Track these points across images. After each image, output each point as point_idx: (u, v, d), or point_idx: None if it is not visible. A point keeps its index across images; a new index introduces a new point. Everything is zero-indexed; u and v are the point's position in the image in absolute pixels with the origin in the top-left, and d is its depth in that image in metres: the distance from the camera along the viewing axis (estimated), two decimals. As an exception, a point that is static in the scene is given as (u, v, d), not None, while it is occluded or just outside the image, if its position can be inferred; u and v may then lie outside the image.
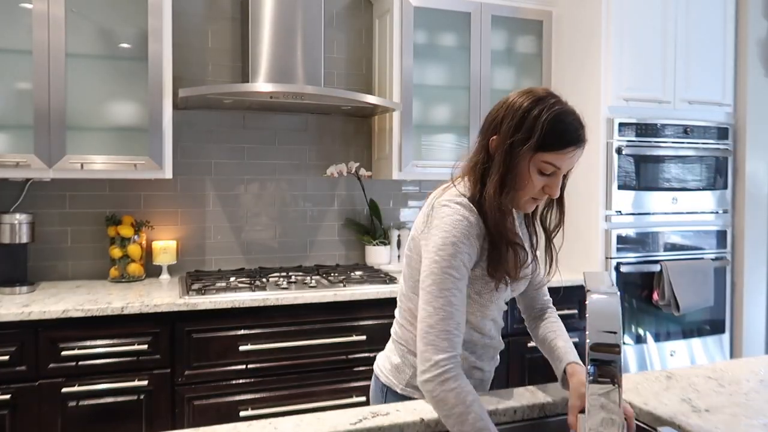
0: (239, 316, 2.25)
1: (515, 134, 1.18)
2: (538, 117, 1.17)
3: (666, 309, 2.85)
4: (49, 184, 2.57)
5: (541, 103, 1.18)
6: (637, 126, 2.83)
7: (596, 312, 0.92)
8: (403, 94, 2.79)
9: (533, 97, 1.20)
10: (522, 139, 1.17)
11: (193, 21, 2.79)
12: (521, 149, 1.17)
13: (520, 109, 1.19)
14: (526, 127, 1.17)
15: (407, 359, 1.34)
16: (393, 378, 1.36)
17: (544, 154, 1.17)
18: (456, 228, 1.17)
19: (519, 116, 1.18)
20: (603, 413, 0.90)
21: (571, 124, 1.18)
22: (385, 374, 1.39)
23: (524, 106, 1.19)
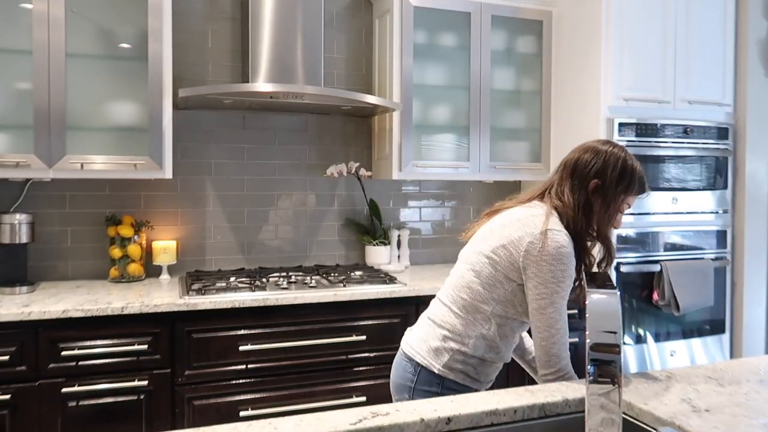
0: (239, 316, 2.25)
1: (620, 182, 1.49)
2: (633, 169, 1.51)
3: (666, 309, 2.85)
4: (49, 184, 2.57)
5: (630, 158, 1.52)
6: (637, 126, 2.83)
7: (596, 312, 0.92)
8: (403, 94, 2.79)
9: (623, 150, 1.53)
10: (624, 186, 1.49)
11: (193, 21, 2.79)
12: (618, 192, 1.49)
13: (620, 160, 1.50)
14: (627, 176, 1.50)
15: (447, 344, 1.51)
16: (431, 359, 1.52)
17: (629, 197, 1.52)
18: (570, 262, 1.43)
19: (621, 167, 1.49)
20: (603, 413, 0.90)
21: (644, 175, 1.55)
22: (422, 355, 1.53)
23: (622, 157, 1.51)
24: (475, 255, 1.52)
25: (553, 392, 1.32)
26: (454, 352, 1.50)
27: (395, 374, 1.61)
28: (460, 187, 3.29)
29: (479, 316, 1.49)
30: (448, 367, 1.50)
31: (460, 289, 1.53)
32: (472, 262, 1.52)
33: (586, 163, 1.50)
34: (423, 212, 3.23)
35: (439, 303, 1.60)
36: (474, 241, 1.58)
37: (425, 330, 1.58)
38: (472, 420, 1.18)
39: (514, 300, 1.47)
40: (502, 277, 1.46)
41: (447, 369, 1.50)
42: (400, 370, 1.59)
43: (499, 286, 1.47)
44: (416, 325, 1.66)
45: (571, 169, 1.52)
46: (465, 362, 1.51)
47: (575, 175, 1.50)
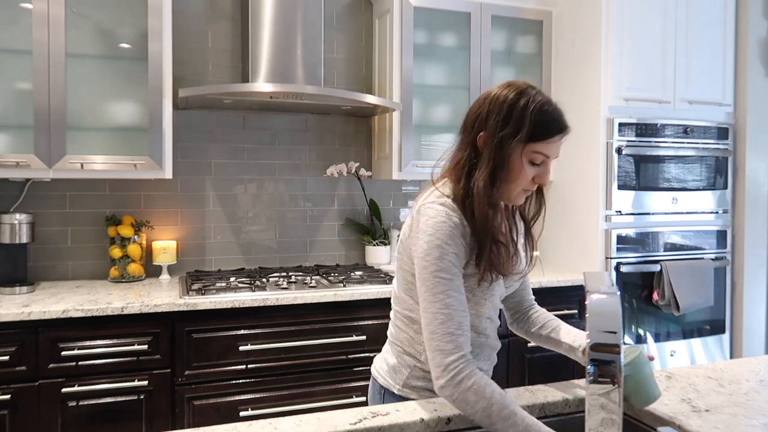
0: (239, 316, 2.25)
1: (504, 128, 1.18)
2: (525, 108, 1.17)
3: (666, 309, 2.85)
4: (49, 184, 2.57)
5: (525, 95, 1.19)
6: (637, 126, 2.83)
7: (596, 312, 0.92)
8: (403, 94, 2.79)
9: (516, 89, 1.21)
10: (512, 131, 1.18)
11: (193, 21, 2.79)
12: (512, 142, 1.18)
13: (506, 102, 1.19)
14: (514, 119, 1.18)
15: (403, 359, 1.33)
16: (390, 379, 1.36)
17: (534, 145, 1.19)
18: (440, 230, 1.17)
19: (506, 109, 1.19)
20: (603, 413, 0.90)
21: (555, 112, 1.20)
22: (383, 375, 1.38)
23: (509, 98, 1.19)
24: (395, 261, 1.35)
25: (553, 392, 1.32)
26: (411, 368, 1.31)
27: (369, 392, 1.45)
28: (460, 187, 3.28)
29: (416, 326, 1.29)
30: (408, 387, 1.32)
31: (394, 300, 1.37)
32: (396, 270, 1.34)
33: (473, 112, 1.26)
34: (423, 212, 3.23)
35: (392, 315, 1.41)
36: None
37: (385, 347, 1.43)
38: (472, 420, 1.18)
39: None
40: (409, 276, 1.26)
41: (408, 389, 1.32)
42: (371, 389, 1.43)
43: (412, 287, 1.25)
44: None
45: (462, 125, 1.29)
46: (426, 378, 1.29)
47: (463, 131, 1.28)
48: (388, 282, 2.53)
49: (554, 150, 1.21)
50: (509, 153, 1.18)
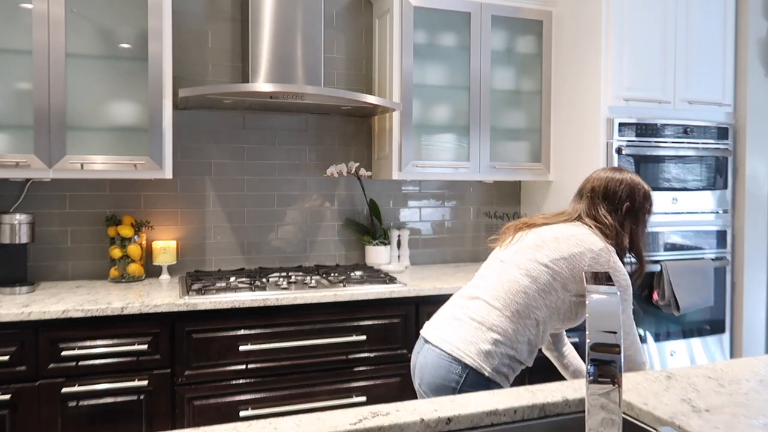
0: (239, 316, 2.25)
1: (645, 202, 1.73)
2: (650, 192, 1.76)
3: (666, 309, 2.85)
4: (49, 184, 2.57)
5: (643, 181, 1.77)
6: (637, 126, 2.83)
7: (596, 312, 0.92)
8: (403, 94, 2.79)
9: (634, 173, 1.77)
10: (649, 204, 1.75)
11: (193, 21, 2.79)
12: (646, 211, 1.74)
13: (641, 185, 1.74)
14: (649, 197, 1.75)
15: (498, 347, 1.58)
16: (482, 362, 1.57)
17: (649, 215, 1.77)
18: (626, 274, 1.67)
19: (644, 189, 1.74)
20: (603, 413, 0.90)
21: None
22: (472, 357, 1.57)
23: (639, 181, 1.75)
24: (530, 262, 1.62)
25: (553, 392, 1.32)
26: (503, 356, 1.58)
27: (435, 375, 1.60)
28: (460, 187, 3.29)
29: (530, 321, 1.59)
30: (496, 371, 1.58)
31: (515, 294, 1.60)
32: (527, 268, 1.61)
33: (616, 188, 1.72)
34: (423, 212, 3.23)
35: (484, 305, 1.63)
36: (519, 249, 1.67)
37: (471, 332, 1.61)
38: (472, 420, 1.18)
39: (561, 308, 1.61)
40: (559, 286, 1.59)
41: (495, 372, 1.58)
42: (442, 371, 1.59)
43: (554, 294, 1.59)
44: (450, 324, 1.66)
45: (602, 194, 1.72)
46: (510, 365, 1.61)
47: (608, 200, 1.71)
48: (388, 282, 2.53)
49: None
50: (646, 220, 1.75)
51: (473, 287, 1.70)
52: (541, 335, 1.62)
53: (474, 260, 3.32)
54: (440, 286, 2.51)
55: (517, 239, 1.70)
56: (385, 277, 2.60)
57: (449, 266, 3.15)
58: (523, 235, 1.70)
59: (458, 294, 1.75)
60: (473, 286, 1.71)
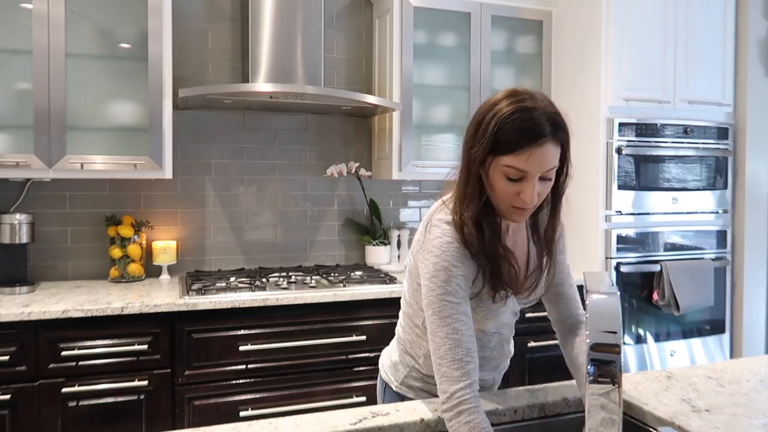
0: (239, 316, 2.25)
1: (473, 139, 1.13)
2: (492, 117, 1.10)
3: (666, 309, 2.85)
4: (49, 184, 2.57)
5: (500, 104, 1.10)
6: (637, 126, 2.83)
7: (596, 312, 0.92)
8: (403, 94, 2.79)
9: (495, 98, 1.13)
10: (478, 143, 1.12)
11: (193, 21, 2.79)
12: (477, 154, 1.12)
13: (479, 111, 1.14)
14: (481, 130, 1.11)
15: (404, 359, 1.37)
16: (391, 375, 1.40)
17: (502, 158, 1.10)
18: (446, 252, 1.15)
19: (477, 119, 1.14)
20: (603, 413, 0.90)
21: (526, 121, 1.07)
22: (385, 370, 1.43)
23: (484, 107, 1.14)
24: (409, 258, 1.33)
25: (553, 392, 1.32)
26: (409, 368, 1.35)
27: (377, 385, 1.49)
28: (460, 187, 3.29)
29: (418, 330, 1.31)
30: (406, 385, 1.36)
31: (402, 302, 1.38)
32: (408, 266, 1.34)
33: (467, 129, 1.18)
34: (423, 212, 3.23)
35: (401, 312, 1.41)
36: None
37: (392, 343, 1.45)
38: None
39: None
40: (416, 284, 1.26)
41: (406, 387, 1.36)
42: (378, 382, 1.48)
43: (418, 295, 1.24)
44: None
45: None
46: (423, 380, 1.34)
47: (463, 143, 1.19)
48: (388, 282, 2.53)
49: (531, 165, 1.09)
50: (481, 167, 1.13)
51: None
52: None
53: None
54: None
55: None
56: (385, 277, 2.60)
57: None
58: None
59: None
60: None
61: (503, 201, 1.15)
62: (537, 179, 1.11)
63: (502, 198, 1.15)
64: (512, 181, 1.12)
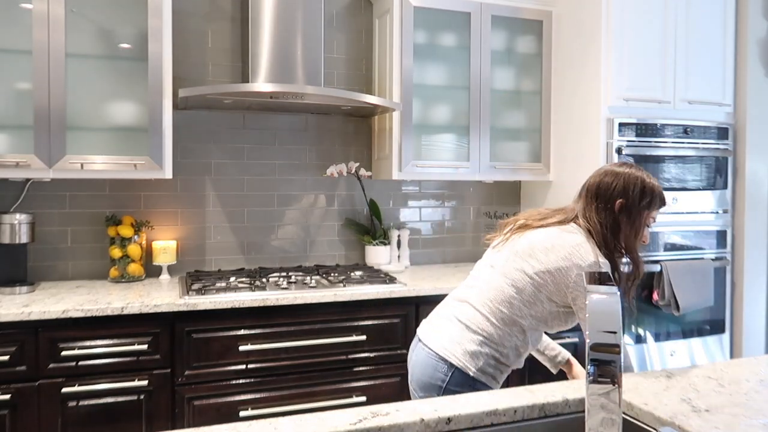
0: (239, 316, 2.25)
1: (642, 198, 1.59)
2: (653, 185, 1.61)
3: (666, 309, 2.85)
4: (49, 184, 2.57)
5: (647, 175, 1.63)
6: (637, 126, 2.83)
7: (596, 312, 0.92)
8: (403, 94, 2.79)
9: (639, 168, 1.64)
10: (647, 202, 1.60)
11: (193, 21, 2.79)
12: (642, 208, 1.60)
13: (639, 179, 1.60)
14: (648, 192, 1.60)
15: (484, 348, 1.58)
16: (467, 362, 1.57)
17: (653, 212, 1.62)
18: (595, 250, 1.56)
19: (641, 185, 1.60)
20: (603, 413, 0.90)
21: (661, 190, 1.64)
22: (458, 357, 1.58)
23: (641, 176, 1.61)
24: (516, 272, 1.59)
25: (553, 392, 1.32)
26: (488, 357, 1.58)
27: (423, 373, 1.62)
28: (460, 187, 3.29)
29: (515, 329, 1.59)
30: (481, 371, 1.58)
31: (501, 303, 1.59)
32: (513, 278, 1.59)
33: (608, 185, 1.62)
34: (423, 212, 3.23)
35: (472, 309, 1.63)
36: (509, 256, 1.63)
37: (458, 333, 1.61)
38: (472, 420, 1.18)
39: (549, 317, 1.59)
40: (544, 298, 1.56)
41: (481, 372, 1.58)
42: (429, 369, 1.61)
43: (539, 305, 1.57)
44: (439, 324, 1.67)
45: (594, 192, 1.63)
46: (496, 367, 1.60)
47: (599, 198, 1.61)
48: (388, 282, 2.53)
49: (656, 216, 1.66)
50: (640, 218, 1.60)
51: (465, 288, 1.71)
52: (529, 342, 1.62)
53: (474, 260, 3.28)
54: (440, 286, 2.51)
55: (510, 242, 1.66)
56: (385, 277, 2.60)
57: (449, 266, 3.15)
58: (516, 238, 1.65)
59: (451, 295, 1.75)
60: (465, 287, 1.71)
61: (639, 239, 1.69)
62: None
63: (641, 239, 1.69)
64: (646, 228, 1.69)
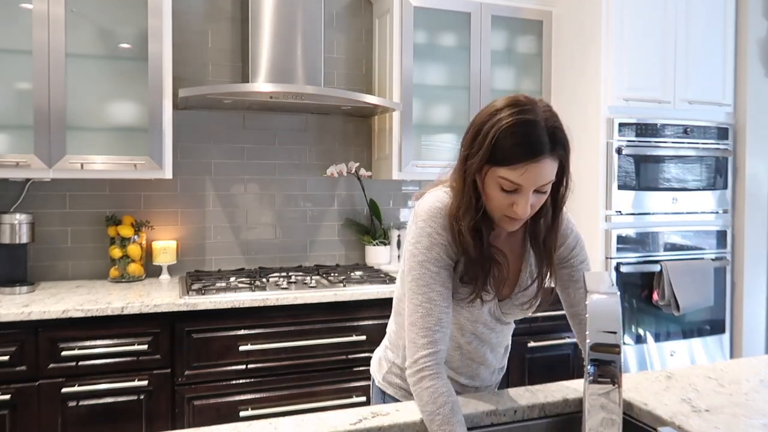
0: (239, 316, 2.25)
1: (471, 146, 1.11)
2: (491, 127, 1.07)
3: (666, 309, 2.85)
4: (49, 184, 2.57)
5: (500, 113, 1.07)
6: (637, 126, 2.83)
7: (596, 312, 0.92)
8: (403, 94, 2.79)
9: (496, 106, 1.10)
10: (475, 152, 1.09)
11: (193, 21, 2.79)
12: (474, 164, 1.10)
13: (478, 119, 1.11)
14: (480, 138, 1.08)
15: (386, 354, 1.38)
16: (375, 370, 1.43)
17: (497, 169, 1.07)
18: (435, 217, 1.13)
19: (476, 126, 1.10)
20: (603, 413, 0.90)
21: (526, 136, 1.05)
22: (373, 366, 1.45)
23: (483, 115, 1.10)
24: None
25: (553, 392, 1.32)
26: (391, 365, 1.35)
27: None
28: (460, 187, 3.29)
29: (400, 319, 1.30)
30: (386, 381, 1.36)
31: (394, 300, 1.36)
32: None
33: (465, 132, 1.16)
34: (423, 212, 3.23)
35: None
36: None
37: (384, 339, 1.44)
38: (472, 420, 1.18)
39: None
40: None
41: (386, 383, 1.36)
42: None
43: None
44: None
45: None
46: (402, 377, 1.32)
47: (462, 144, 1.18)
48: (388, 282, 2.53)
49: (526, 180, 1.06)
50: (477, 174, 1.11)
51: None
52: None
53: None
54: (440, 286, 2.50)
55: None
56: (385, 277, 2.60)
57: (449, 266, 3.14)
58: None
59: None
60: None
61: (496, 210, 1.14)
62: (531, 192, 1.10)
63: (496, 207, 1.13)
64: (506, 193, 1.10)
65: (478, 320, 1.27)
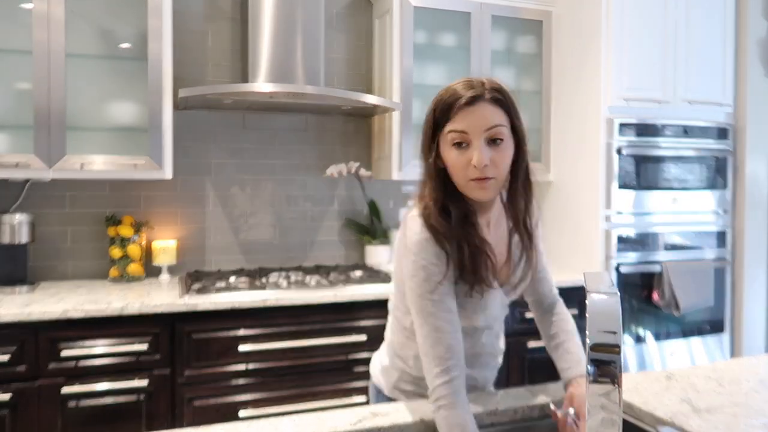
0: (239, 316, 2.24)
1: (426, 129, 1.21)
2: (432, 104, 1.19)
3: (666, 309, 2.85)
4: (49, 184, 2.57)
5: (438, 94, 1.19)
6: (637, 126, 2.83)
7: (596, 312, 0.92)
8: (403, 94, 2.79)
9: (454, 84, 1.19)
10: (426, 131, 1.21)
11: (193, 21, 2.79)
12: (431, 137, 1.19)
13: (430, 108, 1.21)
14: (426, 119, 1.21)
15: (395, 362, 1.37)
16: (382, 379, 1.40)
17: (444, 130, 1.16)
18: (424, 249, 1.16)
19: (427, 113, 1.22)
20: (603, 413, 0.89)
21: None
22: (376, 375, 1.43)
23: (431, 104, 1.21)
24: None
25: (553, 392, 1.32)
26: (401, 372, 1.35)
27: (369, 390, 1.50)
28: (460, 187, 3.29)
29: (407, 332, 1.31)
30: (398, 389, 1.35)
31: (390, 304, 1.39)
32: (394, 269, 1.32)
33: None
34: (423, 212, 3.23)
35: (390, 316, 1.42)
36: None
37: (382, 346, 1.45)
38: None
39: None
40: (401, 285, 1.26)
41: (398, 391, 1.35)
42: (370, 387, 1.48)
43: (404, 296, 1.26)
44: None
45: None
46: (415, 383, 1.33)
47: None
48: (388, 282, 2.53)
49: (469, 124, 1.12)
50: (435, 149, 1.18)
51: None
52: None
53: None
54: (440, 286, 2.50)
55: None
56: (385, 277, 2.60)
57: (449, 266, 3.14)
58: None
59: None
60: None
61: (459, 175, 1.16)
62: (483, 142, 1.13)
63: (458, 171, 1.15)
64: (460, 149, 1.14)
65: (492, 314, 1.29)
